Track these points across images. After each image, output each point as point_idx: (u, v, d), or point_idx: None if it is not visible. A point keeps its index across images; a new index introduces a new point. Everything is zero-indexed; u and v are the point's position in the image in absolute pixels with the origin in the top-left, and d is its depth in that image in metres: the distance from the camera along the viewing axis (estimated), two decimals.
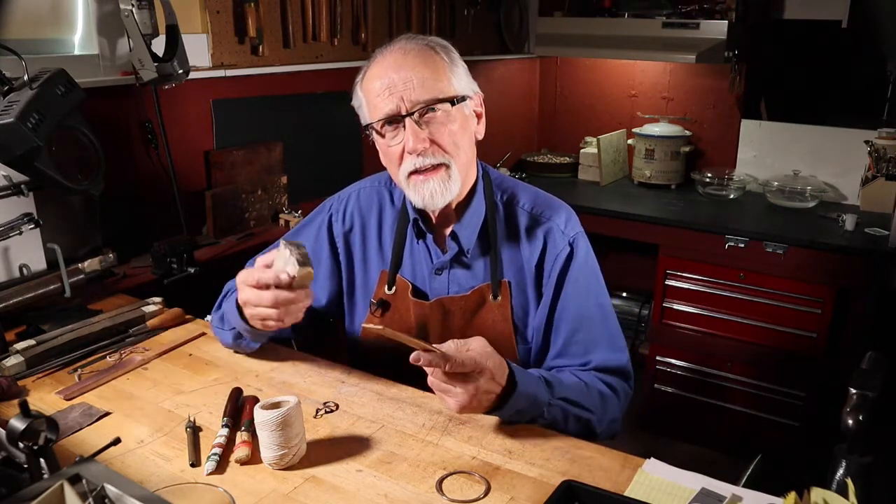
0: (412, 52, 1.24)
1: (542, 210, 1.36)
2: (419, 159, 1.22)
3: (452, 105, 1.23)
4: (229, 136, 2.22)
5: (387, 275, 1.38)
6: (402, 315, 1.37)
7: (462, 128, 1.26)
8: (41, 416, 0.90)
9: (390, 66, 1.23)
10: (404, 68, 1.21)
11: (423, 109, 1.21)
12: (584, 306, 1.32)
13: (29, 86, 1.42)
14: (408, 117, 1.20)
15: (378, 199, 1.42)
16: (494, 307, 1.33)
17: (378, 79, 1.23)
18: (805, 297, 2.44)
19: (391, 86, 1.21)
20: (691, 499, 0.97)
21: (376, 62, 1.26)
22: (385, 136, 1.25)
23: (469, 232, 1.33)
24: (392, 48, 1.26)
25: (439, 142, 1.22)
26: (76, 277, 1.61)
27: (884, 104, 3.17)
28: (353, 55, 2.57)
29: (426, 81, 1.21)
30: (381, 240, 1.41)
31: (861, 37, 3.03)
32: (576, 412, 1.21)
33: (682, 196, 3.01)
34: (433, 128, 1.22)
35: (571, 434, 1.18)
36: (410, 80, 1.20)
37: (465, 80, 1.28)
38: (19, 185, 1.50)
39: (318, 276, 1.42)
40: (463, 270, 1.35)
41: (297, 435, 1.04)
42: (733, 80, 3.01)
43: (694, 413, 2.77)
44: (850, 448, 0.89)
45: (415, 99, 1.20)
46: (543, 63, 3.59)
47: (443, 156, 1.22)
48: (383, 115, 1.22)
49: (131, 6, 1.75)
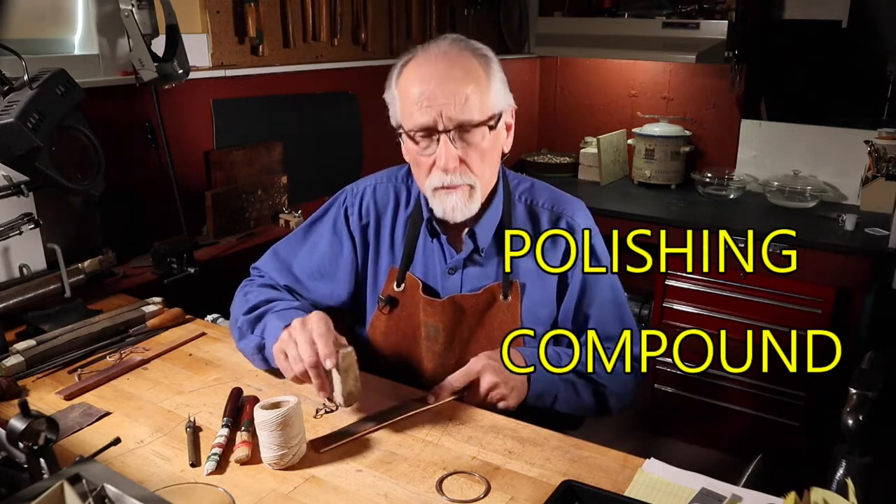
0: (458, 64, 1.20)
1: (563, 208, 1.38)
2: (447, 177, 1.21)
3: (490, 130, 1.22)
4: (229, 136, 2.22)
5: (396, 271, 1.38)
6: (410, 312, 1.37)
7: (493, 146, 1.25)
8: (41, 416, 0.90)
9: (433, 77, 1.19)
10: (448, 81, 1.18)
11: (461, 130, 1.20)
12: (607, 300, 1.37)
13: (29, 86, 1.42)
14: (443, 133, 1.19)
15: (395, 195, 1.41)
16: (503, 307, 1.33)
17: (418, 84, 1.20)
18: (805, 297, 2.44)
19: (431, 98, 1.18)
20: (691, 499, 0.97)
21: (417, 63, 1.22)
22: (418, 145, 1.23)
23: (486, 231, 1.33)
24: (436, 52, 1.22)
25: (469, 162, 1.22)
26: (76, 277, 1.61)
27: (884, 104, 3.17)
28: (353, 55, 2.57)
29: (469, 100, 1.18)
30: (394, 236, 1.40)
31: (861, 37, 3.03)
32: (586, 382, 1.31)
33: (682, 196, 3.01)
34: (466, 147, 1.21)
35: (587, 409, 1.32)
36: (452, 97, 1.17)
37: (503, 94, 1.26)
38: (19, 185, 1.50)
39: (340, 269, 1.42)
40: (476, 269, 1.35)
41: (297, 435, 1.04)
42: (733, 80, 3.01)
43: (694, 413, 2.76)
44: (850, 448, 0.89)
45: (454, 118, 1.18)
46: (543, 63, 3.59)
47: (470, 176, 1.23)
48: (419, 127, 1.20)
49: (131, 6, 1.75)
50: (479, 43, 1.27)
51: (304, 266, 1.43)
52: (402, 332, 1.38)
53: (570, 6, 3.33)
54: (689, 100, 3.24)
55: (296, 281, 1.42)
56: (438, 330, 1.34)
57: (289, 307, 1.30)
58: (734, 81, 3.01)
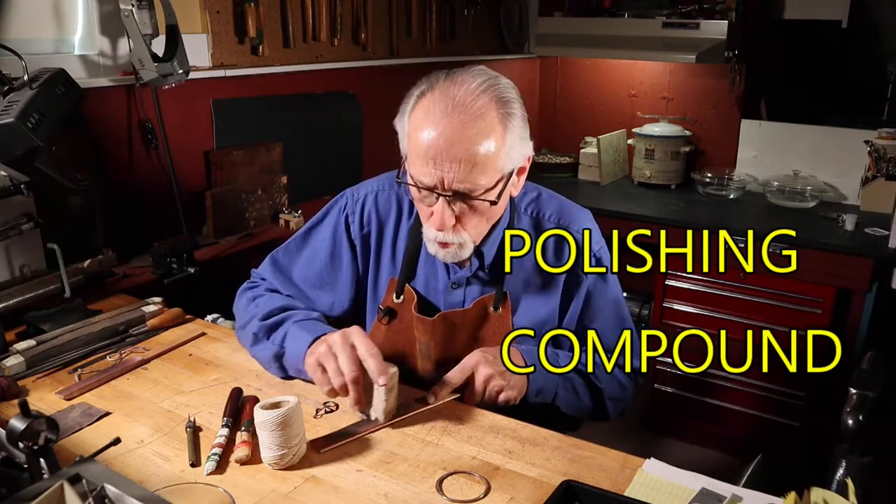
0: (472, 123, 1.10)
1: (569, 222, 1.35)
2: (440, 234, 1.18)
3: (493, 204, 1.16)
4: (229, 136, 2.22)
5: (396, 282, 1.36)
6: (406, 325, 1.35)
7: (497, 207, 1.20)
8: (41, 416, 0.90)
9: (444, 131, 1.10)
10: (458, 143, 1.09)
11: (461, 196, 1.14)
12: (609, 317, 1.36)
13: (29, 86, 1.42)
14: (441, 196, 1.15)
15: (397, 203, 1.37)
16: (495, 319, 1.32)
17: (427, 132, 1.11)
18: (805, 297, 2.44)
19: (437, 157, 1.10)
20: (691, 499, 0.97)
21: (432, 106, 1.12)
22: (420, 192, 1.18)
23: (492, 249, 1.31)
24: (453, 96, 1.11)
25: (465, 222, 1.18)
26: (76, 277, 1.61)
27: (884, 104, 3.18)
28: (353, 55, 2.57)
29: (475, 169, 1.11)
30: (396, 246, 1.37)
31: (861, 37, 3.04)
32: (585, 383, 1.31)
33: (682, 196, 3.01)
34: (465, 207, 1.17)
35: (585, 411, 1.31)
36: (459, 162, 1.10)
37: (519, 149, 1.18)
38: (19, 185, 1.50)
39: (341, 278, 1.41)
40: (479, 285, 1.33)
41: (297, 435, 1.04)
42: (733, 80, 3.01)
43: (694, 413, 2.77)
44: (850, 448, 0.89)
45: (456, 186, 1.12)
46: (543, 63, 3.59)
47: (462, 235, 1.19)
48: (420, 183, 1.15)
49: (131, 6, 1.75)
50: (507, 85, 1.17)
51: (304, 275, 1.41)
52: (401, 344, 1.37)
53: (570, 6, 3.34)
54: (689, 100, 3.24)
55: (297, 290, 1.41)
56: (430, 348, 1.33)
57: (308, 318, 1.29)
58: (734, 81, 3.01)
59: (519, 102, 1.17)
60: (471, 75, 1.15)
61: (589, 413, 1.34)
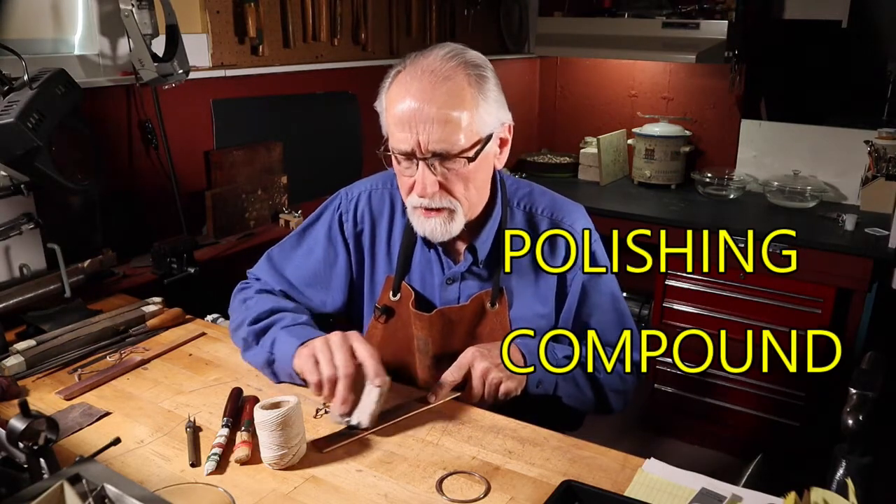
0: (442, 83, 1.14)
1: (562, 215, 1.35)
2: (425, 200, 1.18)
3: (470, 161, 1.17)
4: (229, 136, 2.22)
5: (392, 280, 1.36)
6: (404, 323, 1.36)
7: (478, 169, 1.21)
8: (41, 416, 0.90)
9: (416, 95, 1.13)
10: (430, 105, 1.12)
11: (439, 157, 1.16)
12: (607, 311, 1.36)
13: (29, 86, 1.42)
14: (421, 160, 1.16)
15: (390, 201, 1.38)
16: (492, 315, 1.33)
17: (401, 101, 1.15)
18: (805, 297, 2.44)
19: (411, 120, 1.13)
20: (691, 499, 0.97)
21: (405, 78, 1.16)
22: (400, 164, 1.20)
23: (485, 244, 1.31)
24: (423, 66, 1.16)
25: (450, 187, 1.19)
26: (76, 277, 1.61)
27: (884, 104, 3.18)
28: (353, 55, 2.56)
29: (449, 127, 1.13)
30: (391, 244, 1.38)
31: (861, 37, 3.04)
32: (586, 376, 1.30)
33: (682, 196, 3.01)
34: (447, 172, 1.17)
35: (588, 403, 1.31)
36: (432, 123, 1.12)
37: (495, 113, 1.20)
38: (19, 185, 1.50)
39: (335, 277, 1.41)
40: (475, 281, 1.34)
41: (297, 435, 1.04)
42: (733, 80, 3.01)
43: (694, 413, 2.77)
44: (850, 448, 0.89)
45: (432, 147, 1.14)
46: (543, 63, 3.59)
47: (450, 200, 1.20)
48: (398, 150, 1.17)
49: (131, 6, 1.75)
50: (476, 55, 1.21)
51: (298, 273, 1.42)
52: (399, 342, 1.37)
53: (570, 6, 3.33)
54: (689, 100, 3.24)
55: (290, 287, 1.41)
56: (428, 344, 1.33)
57: (295, 322, 1.29)
58: (734, 81, 3.01)
59: (491, 70, 1.22)
60: (440, 47, 1.20)
61: (591, 405, 1.34)
